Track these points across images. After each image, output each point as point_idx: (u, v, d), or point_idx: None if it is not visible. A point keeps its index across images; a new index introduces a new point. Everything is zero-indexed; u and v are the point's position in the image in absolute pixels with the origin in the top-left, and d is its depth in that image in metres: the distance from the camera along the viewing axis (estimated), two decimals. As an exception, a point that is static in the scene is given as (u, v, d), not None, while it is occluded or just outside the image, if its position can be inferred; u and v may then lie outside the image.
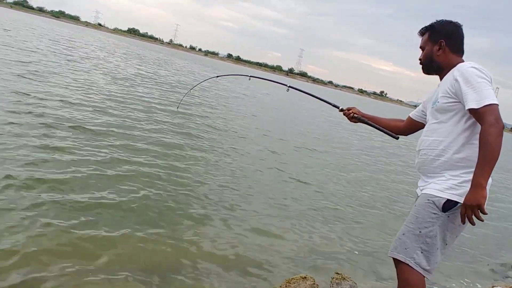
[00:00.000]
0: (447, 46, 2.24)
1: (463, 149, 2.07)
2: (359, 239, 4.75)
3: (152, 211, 4.09)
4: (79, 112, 7.43)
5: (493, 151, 1.88)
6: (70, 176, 4.38)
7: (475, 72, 2.01)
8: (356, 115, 2.75)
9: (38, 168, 4.41)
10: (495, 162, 1.89)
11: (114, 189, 4.37)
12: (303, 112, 20.80)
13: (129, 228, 3.62)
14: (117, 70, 17.90)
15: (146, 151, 6.10)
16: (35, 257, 2.90)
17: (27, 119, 6.10)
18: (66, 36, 36.64)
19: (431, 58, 2.31)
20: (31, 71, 10.71)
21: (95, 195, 4.11)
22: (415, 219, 2.13)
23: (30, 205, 3.56)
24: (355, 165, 9.34)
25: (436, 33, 2.29)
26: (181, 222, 4.02)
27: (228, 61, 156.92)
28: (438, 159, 2.14)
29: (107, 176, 4.66)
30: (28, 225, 3.25)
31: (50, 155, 4.86)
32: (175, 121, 9.06)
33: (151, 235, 3.59)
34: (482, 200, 1.87)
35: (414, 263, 2.07)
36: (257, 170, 6.60)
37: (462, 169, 2.06)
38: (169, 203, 4.40)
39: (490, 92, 1.96)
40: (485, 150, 1.89)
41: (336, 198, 6.13)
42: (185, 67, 37.12)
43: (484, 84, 1.97)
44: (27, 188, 3.88)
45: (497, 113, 1.92)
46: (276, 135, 10.66)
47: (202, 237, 3.82)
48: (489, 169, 1.89)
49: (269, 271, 3.51)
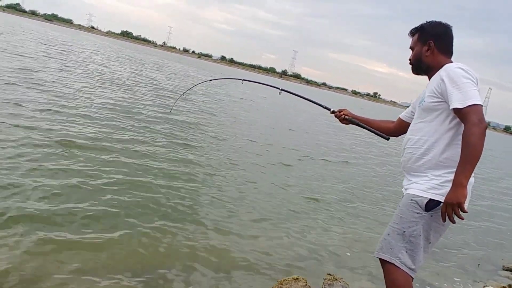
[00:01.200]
0: (436, 47, 2.28)
1: (447, 149, 2.11)
2: (351, 240, 4.79)
3: (145, 216, 4.11)
4: (73, 121, 7.44)
5: (475, 151, 1.91)
6: (59, 186, 4.40)
7: (461, 73, 2.05)
8: (347, 117, 2.80)
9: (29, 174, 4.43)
10: (477, 161, 1.93)
11: (106, 196, 4.38)
12: (301, 115, 20.79)
13: (122, 231, 3.65)
14: (116, 75, 17.81)
15: (146, 155, 6.12)
16: (31, 261, 2.92)
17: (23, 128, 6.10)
18: (60, 40, 36.48)
19: (420, 58, 2.35)
20: (27, 78, 10.69)
21: (86, 204, 4.13)
22: (399, 219, 2.18)
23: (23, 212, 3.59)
24: (346, 165, 9.40)
25: (425, 34, 2.33)
26: (174, 225, 4.03)
27: (222, 63, 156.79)
28: (422, 158, 2.18)
29: (101, 185, 4.68)
30: (22, 233, 3.27)
31: (39, 163, 4.87)
32: (170, 127, 9.08)
33: (143, 239, 3.61)
34: (462, 199, 1.92)
35: (399, 263, 2.12)
36: (250, 173, 6.63)
37: (445, 169, 2.10)
38: (162, 207, 4.41)
39: (474, 93, 1.99)
40: (467, 150, 1.93)
41: (328, 200, 6.16)
42: (181, 71, 36.93)
43: (469, 84, 2.01)
44: (20, 194, 3.90)
45: (480, 114, 1.96)
46: (269, 141, 10.70)
47: (193, 239, 3.84)
48: (470, 168, 1.93)
49: (261, 272, 3.54)
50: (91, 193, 4.28)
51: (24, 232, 3.25)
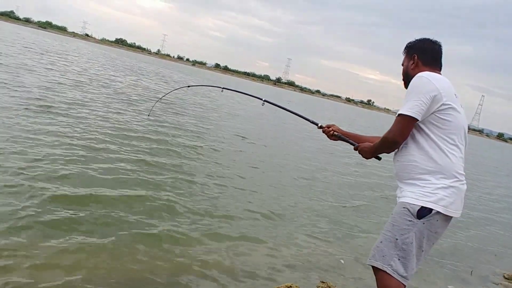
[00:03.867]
0: (420, 60, 2.38)
1: (430, 155, 2.16)
2: (345, 248, 4.80)
3: (139, 219, 4.11)
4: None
5: (376, 149, 2.39)
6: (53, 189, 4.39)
7: (412, 82, 2.21)
8: (336, 133, 2.73)
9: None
10: (370, 155, 2.47)
11: (104, 196, 4.38)
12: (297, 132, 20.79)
13: (115, 236, 3.64)
14: (119, 86, 17.80)
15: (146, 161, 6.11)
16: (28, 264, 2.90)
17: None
18: (57, 48, 36.39)
19: (407, 72, 2.45)
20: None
21: (80, 208, 4.12)
22: (391, 227, 2.20)
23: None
24: (340, 175, 9.43)
25: (411, 50, 2.45)
26: (168, 233, 4.02)
27: (216, 71, 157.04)
28: (410, 164, 2.23)
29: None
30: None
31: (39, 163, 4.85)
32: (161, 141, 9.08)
33: (134, 245, 3.60)
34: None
35: (391, 270, 2.13)
36: (245, 178, 6.64)
37: (433, 175, 2.14)
38: (156, 213, 4.41)
39: (407, 105, 2.15)
40: (378, 144, 2.35)
41: (322, 207, 6.18)
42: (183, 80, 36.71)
43: (412, 95, 2.16)
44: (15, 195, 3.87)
45: (399, 125, 2.20)
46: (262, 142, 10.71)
47: (187, 245, 3.83)
48: (369, 154, 2.46)
49: (254, 279, 3.53)
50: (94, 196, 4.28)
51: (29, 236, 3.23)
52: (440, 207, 2.11)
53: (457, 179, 2.15)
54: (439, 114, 2.15)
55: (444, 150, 2.14)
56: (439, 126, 2.16)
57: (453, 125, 2.17)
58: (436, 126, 2.17)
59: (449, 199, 2.12)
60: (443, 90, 2.14)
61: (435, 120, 2.16)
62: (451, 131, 2.17)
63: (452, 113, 2.16)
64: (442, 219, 2.15)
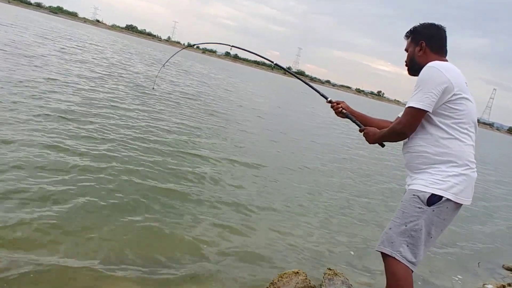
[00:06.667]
0: (428, 47, 2.34)
1: (442, 144, 2.15)
2: (353, 236, 4.81)
3: (146, 206, 4.15)
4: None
5: (385, 137, 2.37)
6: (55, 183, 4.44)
7: (422, 73, 2.18)
8: (344, 111, 2.69)
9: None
10: (373, 141, 2.46)
11: (115, 187, 4.44)
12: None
13: (121, 221, 3.69)
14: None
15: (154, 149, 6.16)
16: (32, 250, 2.96)
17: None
18: (77, 36, 36.42)
19: (413, 59, 2.42)
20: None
21: (92, 198, 4.18)
22: (401, 214, 2.20)
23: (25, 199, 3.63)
24: (348, 161, 9.40)
25: (417, 35, 2.40)
26: (175, 218, 4.06)
27: (226, 59, 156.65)
28: (420, 155, 2.22)
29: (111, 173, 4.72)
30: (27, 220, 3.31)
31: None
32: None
33: (142, 232, 3.66)
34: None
35: (400, 256, 2.14)
36: (252, 167, 6.65)
37: (445, 164, 2.14)
38: (164, 200, 4.45)
39: (417, 96, 2.14)
40: (386, 131, 2.34)
41: (330, 195, 6.18)
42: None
43: (423, 86, 2.13)
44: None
45: (408, 117, 2.19)
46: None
47: (193, 231, 3.87)
48: (378, 140, 2.43)
49: (261, 265, 3.56)
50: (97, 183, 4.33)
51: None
52: (450, 195, 2.10)
53: (468, 166, 2.15)
54: (450, 104, 2.14)
55: (455, 139, 2.14)
56: (450, 115, 2.15)
57: (464, 114, 2.16)
58: (447, 116, 2.15)
59: (460, 186, 2.11)
60: (454, 80, 2.12)
61: (446, 110, 2.15)
62: (462, 120, 2.15)
63: (463, 102, 2.15)
64: (452, 206, 2.15)
